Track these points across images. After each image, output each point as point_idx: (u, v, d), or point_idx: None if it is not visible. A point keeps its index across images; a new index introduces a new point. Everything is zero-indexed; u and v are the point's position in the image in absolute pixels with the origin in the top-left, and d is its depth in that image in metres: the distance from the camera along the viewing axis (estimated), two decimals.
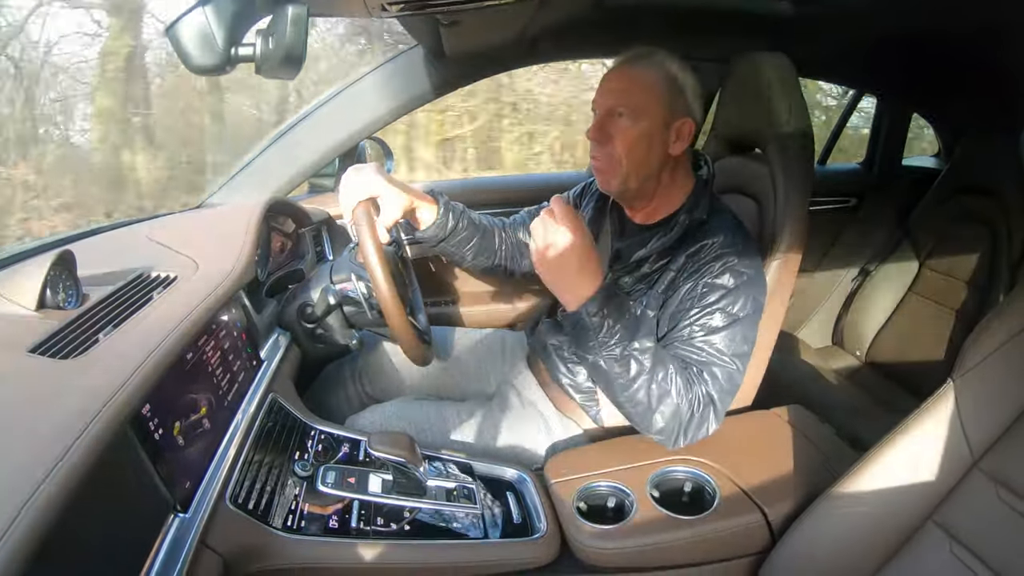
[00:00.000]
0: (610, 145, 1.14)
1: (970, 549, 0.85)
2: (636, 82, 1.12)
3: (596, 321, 0.99)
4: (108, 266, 1.12)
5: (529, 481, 1.14)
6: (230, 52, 0.81)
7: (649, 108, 1.11)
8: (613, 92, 1.14)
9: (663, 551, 1.03)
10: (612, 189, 1.19)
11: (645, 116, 1.11)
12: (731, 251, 1.10)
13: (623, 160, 1.13)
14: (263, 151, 1.74)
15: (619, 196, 1.23)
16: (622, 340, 1.00)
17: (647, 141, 1.13)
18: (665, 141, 1.14)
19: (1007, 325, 0.89)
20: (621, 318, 1.00)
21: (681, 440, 1.06)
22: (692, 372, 1.06)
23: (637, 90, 1.12)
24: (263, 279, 1.36)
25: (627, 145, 1.12)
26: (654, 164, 1.15)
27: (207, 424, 0.89)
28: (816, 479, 1.09)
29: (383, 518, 0.97)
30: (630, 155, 1.13)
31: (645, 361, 1.01)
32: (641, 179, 1.16)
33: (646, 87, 1.12)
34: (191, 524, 0.78)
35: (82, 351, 0.80)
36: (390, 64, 1.73)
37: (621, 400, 1.06)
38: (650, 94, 1.12)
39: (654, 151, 1.14)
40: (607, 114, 1.14)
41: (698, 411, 1.04)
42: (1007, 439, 0.86)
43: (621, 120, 1.12)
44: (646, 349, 1.01)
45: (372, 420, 1.29)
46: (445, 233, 1.30)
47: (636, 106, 1.11)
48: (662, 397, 1.02)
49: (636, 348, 1.00)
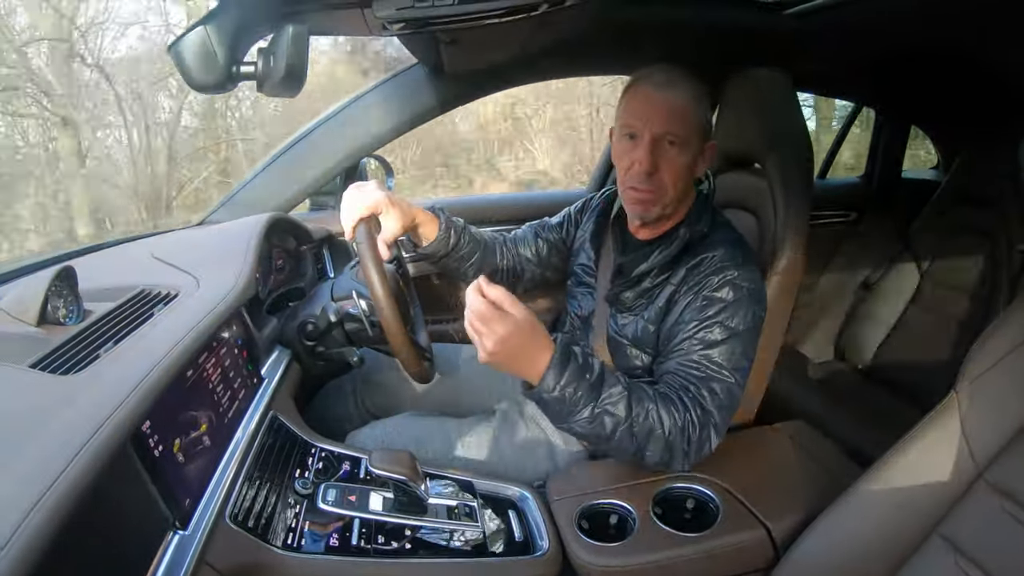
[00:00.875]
0: (658, 175, 1.11)
1: (975, 561, 0.84)
2: (679, 108, 1.10)
3: (556, 396, 0.96)
4: (109, 282, 1.12)
5: (531, 499, 1.13)
6: (231, 70, 0.82)
7: (692, 136, 1.11)
8: (658, 120, 1.10)
9: (666, 568, 1.02)
10: (652, 216, 1.18)
11: (690, 145, 1.11)
12: (731, 265, 1.10)
13: (670, 190, 1.13)
14: (264, 168, 1.75)
15: (653, 220, 1.21)
16: (589, 401, 0.97)
17: (690, 169, 1.13)
18: (697, 166, 1.15)
19: (1009, 336, 0.89)
20: (582, 380, 0.97)
21: (683, 464, 1.05)
22: (687, 394, 1.04)
23: (681, 117, 1.10)
24: (264, 296, 1.36)
25: (676, 174, 1.12)
26: (688, 189, 1.16)
27: (207, 441, 0.89)
28: (819, 494, 1.08)
29: (384, 536, 0.96)
30: (676, 184, 1.12)
31: (618, 412, 0.98)
32: (676, 205, 1.17)
33: (689, 113, 1.10)
34: (191, 541, 0.77)
35: (83, 367, 0.80)
36: (391, 82, 1.74)
37: (606, 450, 1.06)
38: (693, 121, 1.11)
39: (691, 178, 1.15)
40: (655, 143, 1.11)
41: (695, 433, 1.02)
42: (1011, 450, 0.85)
43: (671, 149, 1.11)
44: (618, 399, 0.98)
45: (373, 437, 1.29)
46: (447, 249, 1.30)
47: (684, 135, 1.10)
48: (648, 435, 1.00)
49: (607, 402, 0.97)
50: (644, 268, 1.17)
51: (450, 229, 1.29)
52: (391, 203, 1.16)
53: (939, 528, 0.89)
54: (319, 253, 1.74)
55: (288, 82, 0.84)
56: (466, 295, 0.97)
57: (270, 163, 1.75)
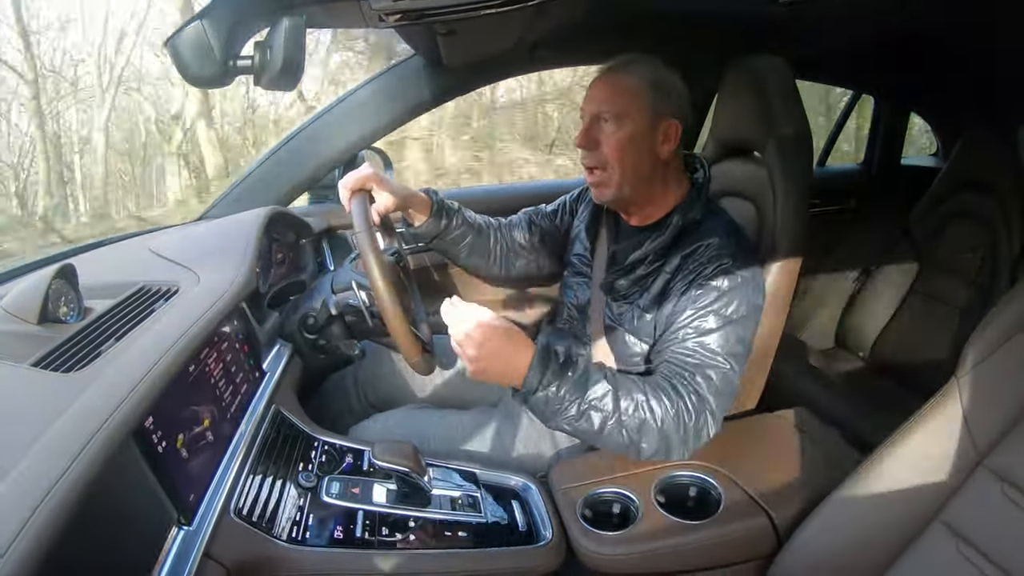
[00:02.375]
0: (598, 150, 1.15)
1: (977, 547, 0.84)
2: (618, 87, 1.14)
3: (540, 395, 0.98)
4: (110, 279, 1.12)
5: (534, 489, 1.13)
6: (228, 64, 0.81)
7: (632, 111, 1.12)
8: (597, 99, 1.15)
9: (669, 557, 1.03)
10: (607, 198, 1.19)
11: (629, 120, 1.12)
12: (725, 253, 1.10)
13: (614, 165, 1.14)
14: (263, 162, 1.75)
15: (615, 204, 1.23)
16: (575, 399, 0.98)
17: (634, 145, 1.13)
18: (653, 144, 1.14)
19: (1009, 322, 0.89)
20: (565, 378, 0.99)
21: (682, 452, 1.05)
22: (681, 382, 1.04)
23: (620, 95, 1.13)
24: (264, 290, 1.36)
25: (614, 149, 1.13)
26: (645, 168, 1.16)
27: (210, 436, 0.89)
28: (821, 481, 1.09)
29: (388, 528, 0.97)
30: (620, 159, 1.14)
31: (606, 407, 0.99)
32: (634, 184, 1.16)
33: (628, 91, 1.13)
34: (195, 536, 0.78)
35: (84, 364, 0.80)
36: (388, 74, 1.74)
37: (598, 445, 1.06)
38: (632, 98, 1.13)
39: (643, 155, 1.14)
40: (593, 120, 1.15)
41: (691, 421, 1.02)
42: (1012, 436, 0.85)
43: (606, 125, 1.14)
44: (603, 394, 0.99)
45: (375, 429, 1.29)
46: (438, 230, 1.32)
47: (619, 111, 1.12)
48: (639, 427, 1.01)
49: (592, 398, 0.99)
50: (637, 256, 1.17)
51: (442, 211, 1.32)
52: (382, 180, 1.21)
53: (940, 514, 0.90)
54: (319, 246, 1.74)
55: (285, 75, 0.83)
56: (442, 315, 1.03)
57: (269, 157, 1.75)
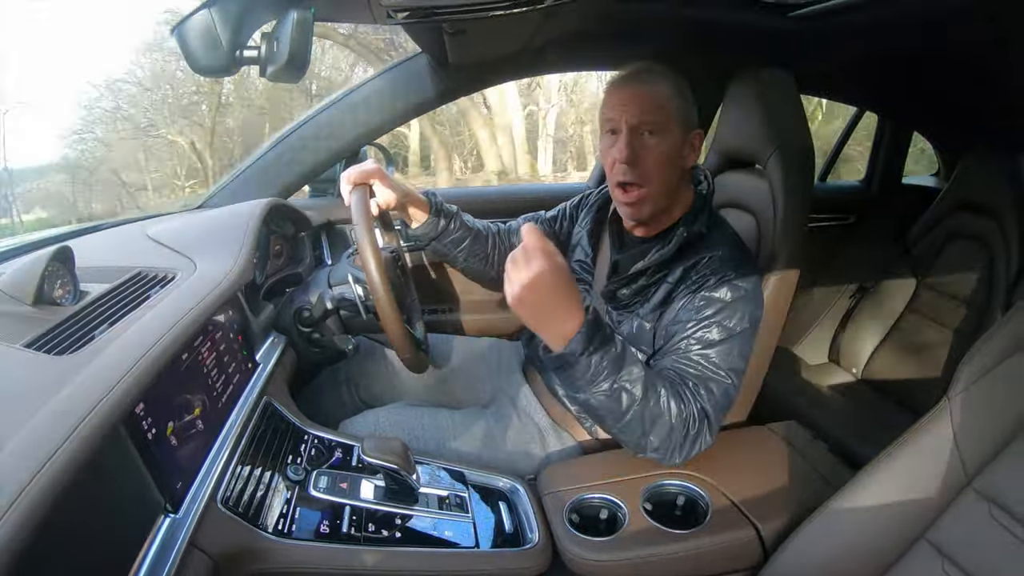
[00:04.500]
0: (640, 165, 1.11)
1: (962, 568, 0.84)
2: (655, 98, 1.10)
3: (583, 360, 0.95)
4: (107, 264, 1.12)
5: (522, 491, 1.13)
6: (235, 54, 0.82)
7: (670, 123, 1.11)
8: (635, 110, 1.10)
9: (654, 564, 1.03)
10: (645, 216, 1.18)
11: (669, 132, 1.11)
12: (729, 265, 1.10)
13: (655, 180, 1.12)
14: (265, 154, 1.75)
15: (647, 219, 1.20)
16: (611, 375, 0.96)
17: (672, 157, 1.12)
18: (684, 155, 1.14)
19: (1003, 344, 0.89)
20: (608, 352, 0.96)
21: (677, 457, 1.05)
22: (687, 389, 1.05)
23: (658, 106, 1.10)
24: (261, 282, 1.36)
25: (657, 164, 1.11)
26: (674, 181, 1.15)
27: (200, 425, 0.89)
28: (809, 495, 1.09)
29: (374, 524, 0.97)
30: (660, 174, 1.12)
31: (636, 391, 0.98)
32: (666, 198, 1.16)
33: (664, 102, 1.11)
34: (181, 525, 0.77)
35: (78, 347, 0.80)
36: (394, 71, 1.74)
37: (614, 430, 1.05)
38: (669, 109, 1.11)
39: (676, 167, 1.14)
40: (633, 133, 1.11)
41: (693, 428, 1.03)
42: (1001, 458, 0.86)
43: (650, 139, 1.11)
44: (636, 378, 0.98)
45: (366, 425, 1.29)
46: (436, 232, 1.32)
47: (660, 122, 1.10)
48: (655, 420, 1.00)
49: (626, 379, 0.97)
50: (640, 266, 1.17)
51: (440, 213, 1.32)
52: (384, 175, 1.22)
53: (927, 533, 0.90)
54: (317, 240, 1.74)
55: (291, 68, 0.83)
56: (522, 232, 0.96)
57: (271, 148, 1.74)
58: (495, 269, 1.44)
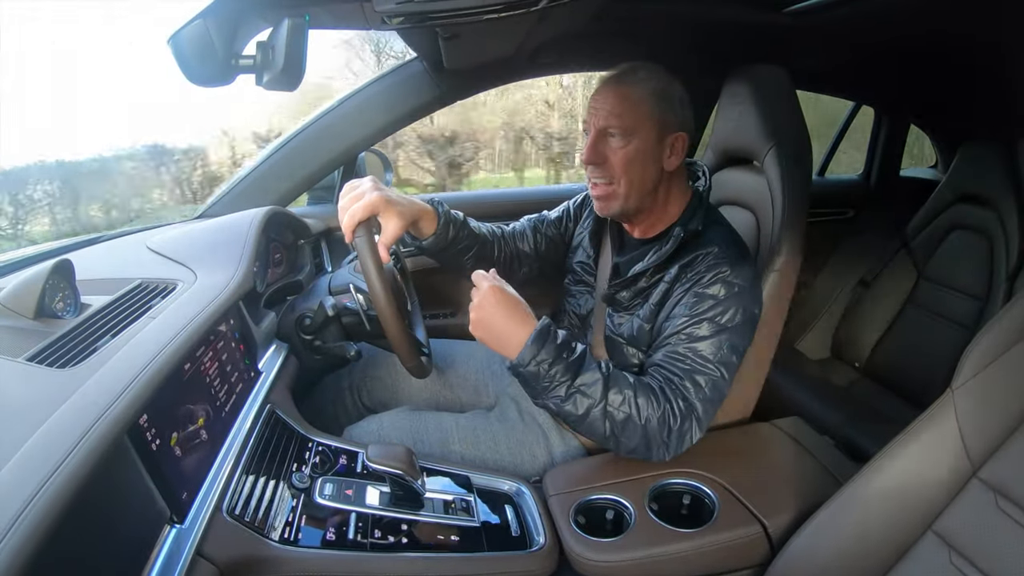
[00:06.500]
0: (606, 165, 1.14)
1: (969, 559, 0.84)
2: (625, 100, 1.12)
3: (532, 369, 1.02)
4: (107, 275, 1.12)
5: (527, 494, 1.13)
6: (230, 62, 0.82)
7: (640, 125, 1.11)
8: (603, 112, 1.13)
9: (662, 564, 1.02)
10: (613, 212, 1.19)
11: (637, 134, 1.11)
12: (724, 262, 1.10)
13: (621, 180, 1.13)
14: (263, 162, 1.75)
15: (619, 217, 1.23)
16: (564, 380, 1.02)
17: (641, 159, 1.13)
18: (659, 157, 1.14)
19: (1005, 335, 0.89)
20: (558, 359, 1.02)
21: (663, 454, 1.06)
22: (670, 385, 1.06)
23: (627, 108, 1.11)
24: (261, 290, 1.36)
25: (622, 164, 1.12)
26: (650, 181, 1.15)
27: (204, 435, 0.89)
28: (815, 490, 1.09)
29: (380, 530, 0.97)
30: (626, 174, 1.13)
31: (593, 394, 1.02)
32: (639, 198, 1.16)
33: (635, 104, 1.11)
34: (187, 535, 0.77)
35: (80, 360, 0.80)
36: (390, 77, 1.74)
37: (580, 432, 1.10)
38: (640, 111, 1.11)
39: (649, 168, 1.14)
40: (599, 135, 1.13)
41: (675, 424, 1.04)
42: (1006, 448, 0.85)
43: (613, 140, 1.12)
44: (592, 382, 1.03)
45: (370, 431, 1.29)
46: (445, 243, 1.30)
47: (627, 125, 1.11)
48: (625, 422, 1.03)
49: (581, 384, 1.02)
50: (640, 268, 1.17)
51: (448, 223, 1.29)
52: (388, 203, 1.11)
53: (934, 525, 0.90)
54: (317, 247, 1.74)
55: (287, 75, 0.83)
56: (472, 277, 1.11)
57: (269, 156, 1.74)
58: (501, 274, 1.44)
